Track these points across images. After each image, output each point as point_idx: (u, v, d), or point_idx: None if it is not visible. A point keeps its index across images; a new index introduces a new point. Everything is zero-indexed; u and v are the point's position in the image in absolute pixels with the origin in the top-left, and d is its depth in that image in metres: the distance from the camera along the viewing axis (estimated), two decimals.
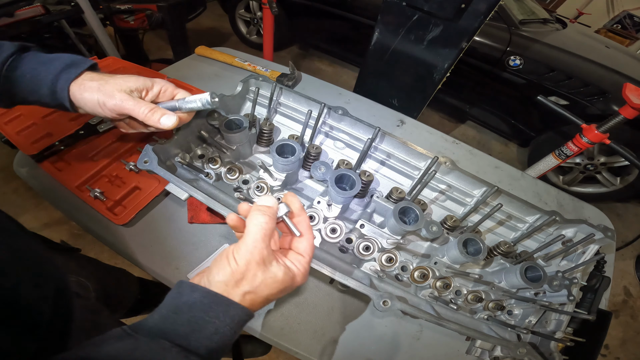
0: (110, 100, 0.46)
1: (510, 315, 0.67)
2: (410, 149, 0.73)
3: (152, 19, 2.01)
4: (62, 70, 0.46)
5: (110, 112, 0.48)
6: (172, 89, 0.53)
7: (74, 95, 0.47)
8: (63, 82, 0.46)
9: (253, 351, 1.35)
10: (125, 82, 0.48)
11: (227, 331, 0.32)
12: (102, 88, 0.46)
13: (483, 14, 1.25)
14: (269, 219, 0.37)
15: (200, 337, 0.31)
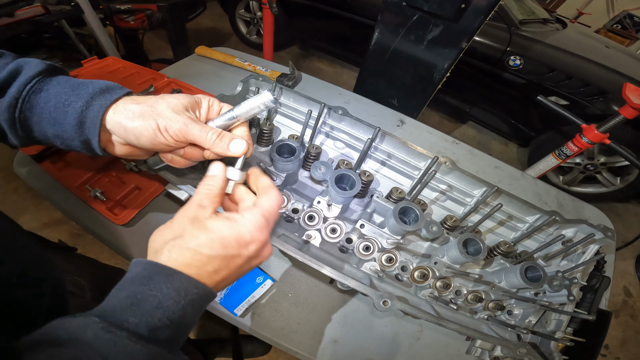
0: (174, 125, 0.36)
1: (510, 315, 0.67)
2: (410, 149, 0.73)
3: (152, 19, 2.01)
4: (95, 95, 0.36)
5: (172, 139, 0.37)
6: (217, 104, 0.44)
7: (119, 127, 0.37)
8: (96, 110, 0.36)
9: (253, 351, 1.35)
10: (178, 100, 0.39)
11: (171, 305, 0.28)
12: (157, 110, 0.36)
13: (483, 14, 1.25)
14: (213, 184, 0.36)
15: (139, 312, 0.27)
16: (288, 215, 0.68)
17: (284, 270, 0.69)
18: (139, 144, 0.38)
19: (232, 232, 0.33)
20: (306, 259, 0.52)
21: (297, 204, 0.70)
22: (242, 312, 0.61)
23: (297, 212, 0.69)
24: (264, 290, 0.64)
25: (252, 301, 0.63)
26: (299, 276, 0.69)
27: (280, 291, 0.66)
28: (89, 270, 0.73)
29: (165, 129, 0.36)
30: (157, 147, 0.39)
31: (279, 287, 0.67)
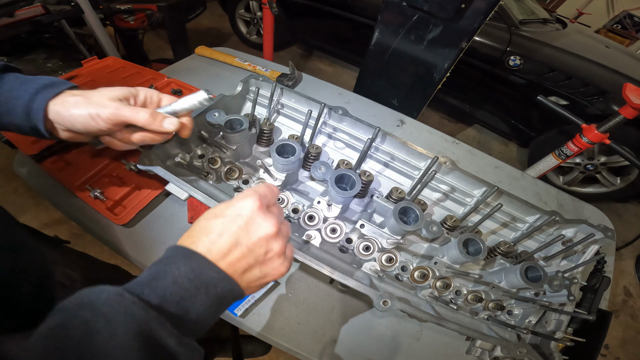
0: (105, 110, 0.42)
1: (510, 315, 0.67)
2: (410, 149, 0.73)
3: (152, 19, 2.01)
4: (40, 89, 0.42)
5: (105, 124, 0.43)
6: (157, 95, 0.50)
7: (58, 116, 0.42)
8: (40, 102, 0.42)
9: (253, 351, 1.35)
10: (112, 91, 0.45)
11: (185, 282, 0.30)
12: (90, 100, 0.43)
13: (483, 14, 1.25)
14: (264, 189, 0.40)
15: (155, 286, 0.30)
16: (288, 215, 0.68)
17: None
18: (75, 129, 0.44)
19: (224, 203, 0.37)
20: (306, 259, 0.52)
21: (297, 204, 0.70)
22: (242, 312, 0.62)
23: (297, 212, 0.69)
24: (264, 290, 0.64)
25: (252, 301, 0.63)
26: (299, 276, 0.69)
27: (280, 291, 0.66)
28: (81, 264, 0.73)
29: (97, 116, 0.42)
30: (94, 131, 0.44)
31: (279, 287, 0.67)
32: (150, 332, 0.27)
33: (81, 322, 0.26)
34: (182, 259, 0.32)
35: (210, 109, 0.72)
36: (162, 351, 0.27)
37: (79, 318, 0.26)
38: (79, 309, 0.27)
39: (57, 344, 0.24)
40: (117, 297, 0.27)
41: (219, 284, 0.33)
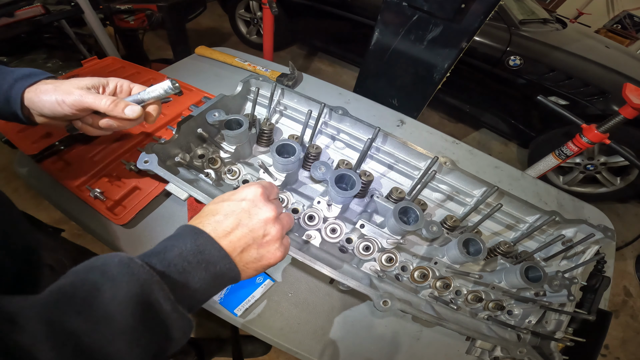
0: (69, 97, 0.46)
1: (510, 315, 0.67)
2: (410, 149, 0.73)
3: (152, 19, 2.00)
4: (18, 79, 0.47)
5: (70, 109, 0.47)
6: (127, 84, 0.54)
7: (31, 102, 0.47)
8: (17, 90, 0.46)
9: (253, 351, 1.35)
10: (81, 81, 0.49)
11: (189, 257, 0.34)
12: (59, 88, 0.47)
13: (483, 14, 1.25)
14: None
15: (163, 257, 0.33)
16: None
17: (284, 270, 0.69)
18: (44, 114, 0.48)
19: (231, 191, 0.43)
20: (306, 259, 0.52)
21: (297, 204, 0.70)
22: (242, 312, 0.62)
23: (297, 212, 0.69)
24: (264, 290, 0.64)
25: (252, 301, 0.63)
26: (299, 276, 0.69)
27: (280, 291, 0.66)
28: (72, 254, 0.73)
29: (62, 102, 0.46)
30: (61, 116, 0.48)
31: (279, 287, 0.67)
32: (149, 294, 0.29)
33: (89, 282, 0.28)
34: (190, 236, 0.36)
35: (210, 109, 0.72)
36: (155, 313, 0.30)
37: (88, 279, 0.29)
38: (89, 271, 0.29)
39: (62, 300, 0.27)
40: (127, 261, 0.30)
41: (218, 263, 0.36)
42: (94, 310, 0.27)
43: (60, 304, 0.26)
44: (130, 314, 0.28)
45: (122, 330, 0.27)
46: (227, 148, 0.71)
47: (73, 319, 0.26)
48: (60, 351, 0.24)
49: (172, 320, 0.31)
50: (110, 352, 0.26)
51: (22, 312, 0.25)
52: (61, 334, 0.25)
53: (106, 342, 0.26)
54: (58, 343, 0.24)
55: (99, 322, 0.27)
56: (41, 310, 0.25)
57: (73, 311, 0.26)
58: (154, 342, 0.30)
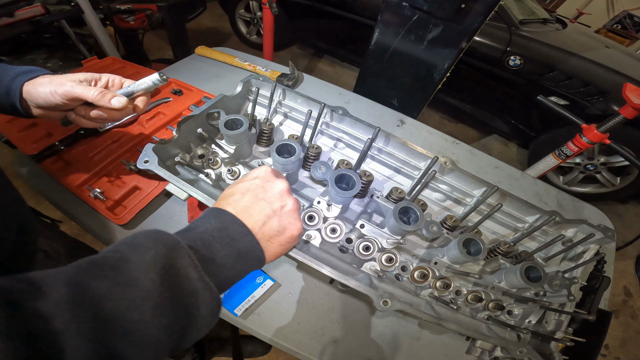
0: (61, 88, 0.49)
1: (510, 315, 0.67)
2: (410, 149, 0.73)
3: (152, 19, 2.00)
4: (19, 74, 0.50)
5: (61, 99, 0.49)
6: (119, 79, 0.57)
7: (28, 94, 0.50)
8: (17, 83, 0.50)
9: (253, 351, 1.35)
10: (75, 75, 0.52)
11: (214, 232, 0.36)
12: (53, 81, 0.50)
13: (483, 14, 1.25)
14: None
15: (190, 233, 0.35)
16: None
17: (284, 270, 0.69)
18: (39, 104, 0.51)
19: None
20: (306, 259, 0.52)
21: None
22: (242, 312, 0.62)
23: None
24: (264, 290, 0.64)
25: (252, 301, 0.63)
26: (299, 276, 0.69)
27: (280, 291, 0.66)
28: (68, 245, 0.73)
29: (54, 92, 0.49)
30: (53, 106, 0.50)
31: (279, 287, 0.67)
32: (175, 258, 0.30)
33: (119, 253, 0.29)
34: (213, 216, 0.38)
35: (210, 109, 0.72)
36: (182, 279, 0.30)
37: (119, 250, 0.30)
38: (120, 245, 0.31)
39: (90, 266, 0.27)
40: (154, 231, 0.32)
41: (242, 239, 0.37)
42: (119, 275, 0.27)
43: (87, 269, 0.27)
44: (155, 278, 0.28)
45: (147, 295, 0.27)
46: (227, 148, 0.71)
47: (98, 282, 0.26)
48: (79, 316, 0.23)
49: (199, 290, 0.30)
50: (133, 319, 0.26)
51: (47, 278, 0.24)
52: (83, 298, 0.24)
53: (130, 308, 0.26)
54: (78, 307, 0.24)
55: (123, 286, 0.26)
56: (67, 275, 0.25)
57: (99, 275, 0.26)
58: (180, 316, 0.29)
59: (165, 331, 0.27)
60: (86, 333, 0.23)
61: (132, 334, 0.25)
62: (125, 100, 0.52)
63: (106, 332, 0.24)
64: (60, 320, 0.22)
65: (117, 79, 0.56)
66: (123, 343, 0.25)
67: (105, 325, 0.24)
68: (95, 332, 0.24)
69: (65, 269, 0.26)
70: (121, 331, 0.25)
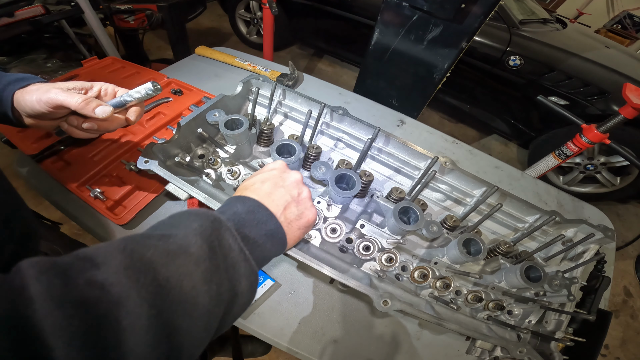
0: (45, 95, 0.48)
1: (510, 315, 0.67)
2: (410, 149, 0.73)
3: (152, 19, 2.00)
4: (10, 82, 0.50)
5: (46, 106, 0.48)
6: (112, 88, 0.55)
7: (18, 103, 0.49)
8: (8, 92, 0.49)
9: (253, 351, 1.35)
10: (64, 83, 0.51)
11: (244, 215, 0.38)
12: (41, 88, 0.49)
13: (483, 14, 1.25)
14: None
15: (223, 214, 0.37)
16: None
17: (284, 270, 0.69)
18: (26, 112, 0.50)
19: None
20: (306, 259, 0.52)
21: None
22: None
23: None
24: (264, 290, 0.64)
25: (252, 301, 0.63)
26: (298, 276, 0.69)
27: (280, 291, 0.66)
28: (68, 248, 0.73)
29: (39, 99, 0.48)
30: (38, 114, 0.49)
31: (279, 287, 0.67)
32: (219, 229, 0.32)
33: (164, 226, 0.31)
34: (239, 202, 0.40)
35: (210, 109, 0.72)
36: (225, 249, 0.32)
37: (161, 226, 0.32)
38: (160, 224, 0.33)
39: (140, 238, 0.28)
40: (194, 210, 0.34)
41: (268, 221, 0.40)
42: (170, 243, 0.28)
43: (136, 240, 0.27)
44: (204, 246, 0.29)
45: (196, 260, 0.28)
46: (227, 148, 0.71)
47: (151, 250, 0.26)
48: (138, 282, 0.23)
49: (240, 263, 0.32)
50: (186, 286, 0.26)
51: (100, 250, 0.24)
52: (140, 264, 0.24)
53: (183, 275, 0.26)
54: (137, 273, 0.23)
55: (175, 254, 0.27)
56: (118, 246, 0.25)
57: (148, 245, 0.27)
58: (226, 288, 0.30)
59: (215, 302, 0.28)
60: (147, 299, 0.23)
61: (186, 302, 0.25)
62: (110, 110, 0.50)
63: (164, 299, 0.24)
64: (118, 288, 0.22)
65: (110, 88, 0.55)
66: (178, 312, 0.25)
67: (163, 292, 0.24)
68: (154, 298, 0.23)
69: (114, 242, 0.26)
70: (177, 299, 0.25)
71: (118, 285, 0.22)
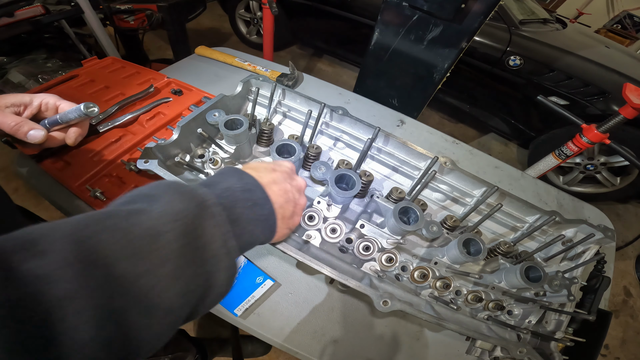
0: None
1: (510, 315, 0.67)
2: (410, 149, 0.73)
3: (152, 19, 2.00)
4: None
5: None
6: (54, 101, 0.53)
7: None
8: None
9: (253, 351, 1.35)
10: (4, 99, 0.49)
11: (238, 193, 0.35)
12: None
13: (483, 14, 1.25)
14: None
15: (214, 189, 0.34)
16: None
17: (283, 270, 0.69)
18: None
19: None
20: (306, 259, 0.52)
21: None
22: (242, 312, 0.62)
23: None
24: (264, 290, 0.64)
25: (252, 301, 0.63)
26: (299, 276, 0.69)
27: (280, 291, 0.66)
28: None
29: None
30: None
31: (279, 287, 0.67)
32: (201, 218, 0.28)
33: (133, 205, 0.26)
34: (235, 176, 0.37)
35: (210, 109, 0.72)
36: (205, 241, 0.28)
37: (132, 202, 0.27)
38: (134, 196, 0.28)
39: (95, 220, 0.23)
40: (177, 186, 0.30)
41: (263, 206, 0.37)
42: (136, 225, 0.23)
43: (97, 219, 0.23)
44: (179, 235, 0.25)
45: (166, 255, 0.23)
46: (227, 148, 0.71)
47: (109, 238, 0.22)
48: (85, 279, 0.20)
49: (220, 256, 0.29)
50: (146, 286, 0.22)
51: (45, 235, 0.20)
52: (92, 258, 0.20)
53: (143, 273, 0.22)
54: (87, 268, 0.20)
55: (139, 244, 0.23)
56: (69, 231, 0.21)
57: (110, 228, 0.22)
58: (198, 283, 0.26)
59: (183, 299, 0.25)
60: (97, 299, 0.20)
61: (145, 300, 0.22)
62: (42, 134, 0.49)
63: (118, 299, 0.21)
64: (64, 285, 0.19)
65: (51, 102, 0.53)
66: (134, 311, 0.22)
67: (117, 291, 0.21)
68: (107, 298, 0.20)
69: (65, 222, 0.22)
70: (134, 298, 0.21)
71: (63, 282, 0.19)
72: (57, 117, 0.52)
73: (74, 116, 0.52)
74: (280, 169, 0.45)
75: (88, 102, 0.51)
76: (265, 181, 0.39)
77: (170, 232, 0.25)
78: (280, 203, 0.40)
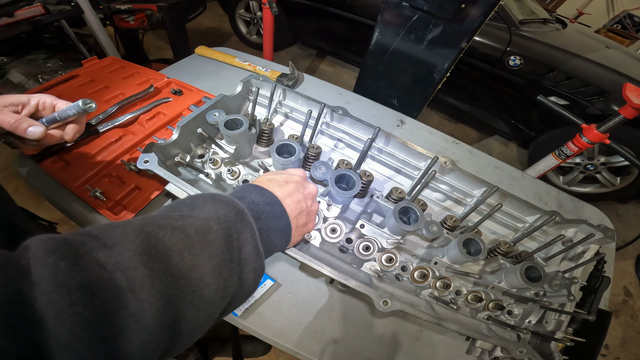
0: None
1: (510, 315, 0.67)
2: (410, 149, 0.73)
3: (152, 19, 2.00)
4: None
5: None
6: (50, 100, 0.54)
7: None
8: None
9: (253, 351, 1.35)
10: (2, 99, 0.50)
11: (262, 207, 0.39)
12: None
13: (483, 14, 1.25)
14: None
15: (243, 201, 0.38)
16: None
17: (284, 270, 0.69)
18: None
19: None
20: (306, 259, 0.52)
21: None
22: (242, 312, 0.62)
23: None
24: (264, 290, 0.64)
25: (252, 301, 0.63)
26: (299, 276, 0.69)
27: (280, 291, 0.66)
28: None
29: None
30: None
31: (279, 287, 0.67)
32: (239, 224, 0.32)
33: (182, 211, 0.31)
34: (255, 191, 0.41)
35: (210, 109, 0.72)
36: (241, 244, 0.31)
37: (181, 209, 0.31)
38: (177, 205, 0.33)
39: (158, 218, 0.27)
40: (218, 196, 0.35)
41: (282, 218, 0.42)
42: (188, 225, 0.27)
43: (157, 220, 0.26)
44: (221, 235, 0.29)
45: (210, 252, 0.27)
46: (227, 148, 0.71)
47: (168, 234, 0.25)
48: (153, 269, 0.22)
49: (252, 258, 0.32)
50: (195, 277, 0.25)
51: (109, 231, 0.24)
52: (155, 251, 0.24)
53: (195, 266, 0.26)
54: (151, 260, 0.23)
55: (192, 240, 0.26)
56: (132, 227, 0.25)
57: (168, 226, 0.26)
58: (233, 281, 0.30)
59: (221, 294, 0.28)
60: (159, 289, 0.22)
61: (194, 293, 0.25)
62: (42, 130, 0.50)
63: (174, 289, 0.24)
64: (131, 273, 0.21)
65: (48, 101, 0.54)
66: (185, 302, 0.24)
67: (174, 282, 0.24)
68: (166, 288, 0.23)
69: (131, 222, 0.25)
70: (186, 290, 0.24)
71: (131, 270, 0.22)
72: (55, 114, 0.53)
73: (72, 112, 0.52)
74: (292, 179, 0.48)
75: (85, 99, 0.51)
76: (280, 195, 0.43)
77: (216, 232, 0.29)
78: (295, 214, 0.44)
